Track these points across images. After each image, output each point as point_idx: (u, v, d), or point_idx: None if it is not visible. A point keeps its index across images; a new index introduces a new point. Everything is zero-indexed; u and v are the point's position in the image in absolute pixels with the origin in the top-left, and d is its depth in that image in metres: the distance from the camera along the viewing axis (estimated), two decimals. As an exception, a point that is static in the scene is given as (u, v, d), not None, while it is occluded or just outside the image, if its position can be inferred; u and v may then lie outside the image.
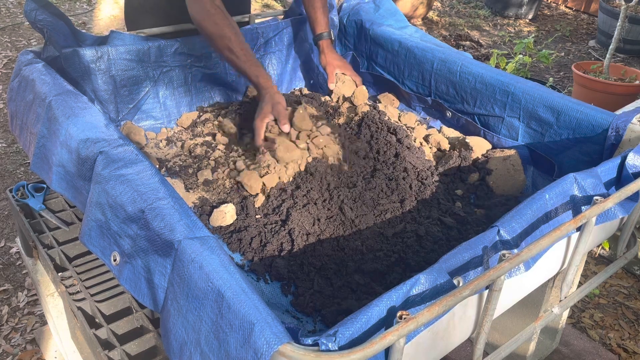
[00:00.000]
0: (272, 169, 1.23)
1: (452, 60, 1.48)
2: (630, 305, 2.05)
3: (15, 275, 2.17)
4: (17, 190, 1.41)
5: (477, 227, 1.15)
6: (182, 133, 1.50)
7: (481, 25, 5.14)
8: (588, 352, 1.58)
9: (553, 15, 5.56)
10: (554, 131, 1.29)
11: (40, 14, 1.25)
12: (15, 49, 4.21)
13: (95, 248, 0.92)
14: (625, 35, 4.27)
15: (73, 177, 1.02)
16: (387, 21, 1.72)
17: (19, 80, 1.25)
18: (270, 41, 1.67)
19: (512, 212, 0.88)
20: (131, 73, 1.44)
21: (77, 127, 1.01)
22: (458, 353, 1.51)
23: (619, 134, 1.17)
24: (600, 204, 0.88)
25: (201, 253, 0.74)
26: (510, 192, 1.30)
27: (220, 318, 0.68)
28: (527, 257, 0.77)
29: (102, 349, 1.01)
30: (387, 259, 1.05)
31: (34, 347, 1.85)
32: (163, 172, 1.34)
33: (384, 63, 1.67)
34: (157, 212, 0.82)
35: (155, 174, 0.90)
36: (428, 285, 0.73)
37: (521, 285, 0.95)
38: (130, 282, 0.84)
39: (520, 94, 1.34)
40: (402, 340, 0.65)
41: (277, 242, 1.08)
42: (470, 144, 1.39)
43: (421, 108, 1.62)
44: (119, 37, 1.42)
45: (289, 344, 0.62)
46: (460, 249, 0.80)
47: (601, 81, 3.18)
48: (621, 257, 1.16)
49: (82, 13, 4.97)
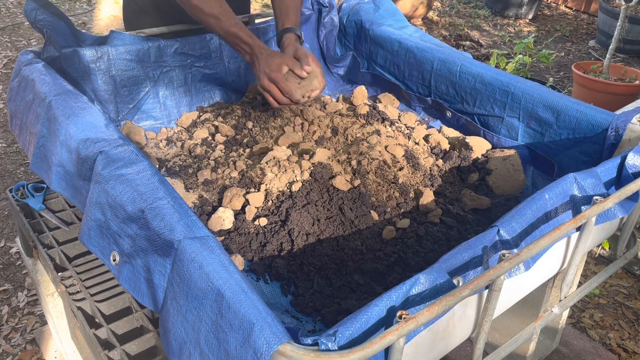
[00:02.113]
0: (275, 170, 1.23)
1: (452, 60, 1.48)
2: (630, 305, 2.05)
3: (15, 275, 2.17)
4: (17, 190, 1.41)
5: (477, 227, 1.15)
6: (182, 133, 1.50)
7: (481, 25, 5.15)
8: (588, 352, 1.58)
9: (553, 15, 5.56)
10: (553, 131, 1.29)
11: (40, 13, 1.25)
12: (15, 49, 4.21)
13: (95, 248, 0.92)
14: (625, 35, 4.28)
15: (73, 177, 1.02)
16: (386, 21, 1.72)
17: (18, 80, 1.25)
18: (270, 41, 1.67)
19: (512, 212, 0.88)
20: (131, 73, 1.44)
21: (77, 127, 1.01)
22: (458, 353, 1.51)
23: (618, 133, 1.17)
24: (600, 204, 0.88)
25: (201, 253, 0.74)
26: (510, 192, 1.30)
27: (219, 318, 0.68)
28: (527, 257, 0.77)
29: (102, 349, 1.01)
30: (387, 259, 1.05)
31: (34, 347, 1.85)
32: (163, 172, 1.34)
33: (383, 63, 1.67)
34: (157, 212, 0.82)
35: (155, 174, 0.90)
36: (428, 285, 0.73)
37: (521, 285, 0.95)
38: (129, 282, 0.84)
39: (520, 94, 1.34)
40: (401, 340, 0.65)
41: (277, 242, 1.08)
42: (470, 144, 1.39)
43: (421, 108, 1.62)
44: (119, 37, 1.42)
45: (289, 344, 0.62)
46: (460, 249, 0.80)
47: (601, 81, 3.18)
48: (621, 257, 1.16)
49: (82, 13, 4.97)
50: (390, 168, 1.25)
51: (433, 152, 1.40)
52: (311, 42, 1.76)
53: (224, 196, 1.18)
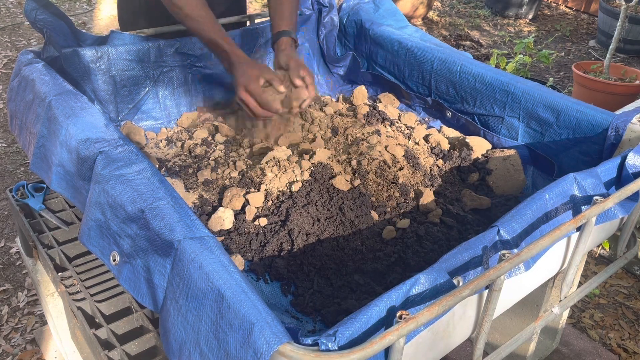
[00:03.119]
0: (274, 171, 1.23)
1: (452, 60, 1.48)
2: (630, 305, 2.05)
3: (15, 275, 2.17)
4: (17, 190, 1.41)
5: (477, 227, 1.15)
6: (182, 133, 1.50)
7: (481, 25, 5.14)
8: (588, 352, 1.58)
9: (553, 15, 5.56)
10: (553, 131, 1.29)
11: (40, 13, 1.25)
12: (15, 49, 4.21)
13: (95, 248, 0.92)
14: (625, 35, 4.27)
15: (73, 177, 1.02)
16: (387, 21, 1.72)
17: (18, 80, 1.25)
18: (270, 41, 1.67)
19: (512, 212, 0.88)
20: (131, 73, 1.44)
21: (77, 127, 1.01)
22: (458, 353, 1.51)
23: (618, 133, 1.17)
24: (600, 204, 0.88)
25: (201, 253, 0.74)
26: (510, 192, 1.30)
27: (219, 318, 0.68)
28: (527, 257, 0.77)
29: (102, 349, 1.01)
30: (387, 259, 1.05)
31: (34, 347, 1.85)
32: (163, 172, 1.34)
33: (383, 63, 1.67)
34: (157, 212, 0.82)
35: (155, 174, 0.90)
36: (428, 285, 0.73)
37: (521, 285, 0.95)
38: (129, 282, 0.84)
39: (520, 94, 1.34)
40: (402, 340, 0.65)
41: (277, 242, 1.08)
42: (470, 144, 1.39)
43: (421, 108, 1.62)
44: (119, 37, 1.42)
45: (289, 344, 0.62)
46: (460, 249, 0.80)
47: (601, 81, 3.18)
48: (621, 257, 1.16)
49: (82, 13, 4.97)
50: (390, 168, 1.25)
51: (433, 152, 1.40)
52: (311, 42, 1.76)
53: (224, 196, 1.18)
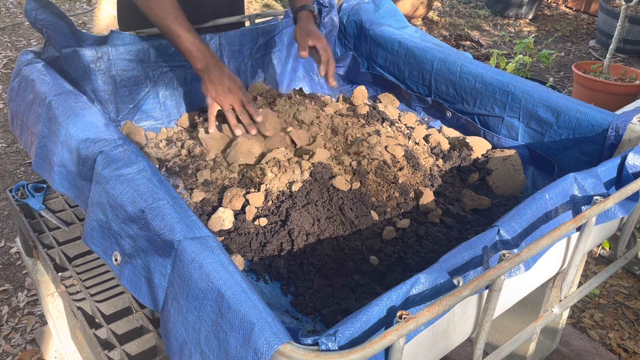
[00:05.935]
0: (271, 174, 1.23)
1: (452, 60, 1.48)
2: (630, 305, 2.05)
3: (15, 275, 2.17)
4: (17, 190, 1.41)
5: (477, 227, 1.15)
6: (182, 133, 1.50)
7: (481, 25, 5.15)
8: (588, 352, 1.58)
9: (553, 15, 5.56)
10: (553, 131, 1.29)
11: (40, 13, 1.25)
12: (15, 49, 4.21)
13: (98, 248, 0.92)
14: (625, 35, 4.28)
15: (74, 177, 1.02)
16: (387, 21, 1.72)
17: (19, 80, 1.25)
18: (270, 41, 1.67)
19: (512, 212, 0.88)
20: (131, 73, 1.44)
21: (77, 127, 1.01)
22: (458, 353, 1.51)
23: (618, 133, 1.17)
24: (600, 204, 0.88)
25: (201, 253, 0.74)
26: (510, 192, 1.30)
27: (220, 318, 0.68)
28: (527, 257, 0.78)
29: (102, 349, 1.01)
30: (387, 259, 1.05)
31: (34, 347, 1.85)
32: (163, 172, 1.34)
33: (384, 63, 1.67)
34: (157, 212, 0.82)
35: (155, 174, 0.90)
36: (428, 285, 0.73)
37: (521, 285, 0.95)
38: (131, 282, 0.84)
39: (520, 94, 1.34)
40: (402, 340, 0.65)
41: (277, 242, 1.08)
42: (470, 144, 1.39)
43: (421, 108, 1.62)
44: (119, 37, 1.42)
45: (289, 344, 0.62)
46: (460, 249, 0.80)
47: (601, 81, 3.18)
48: (621, 257, 1.16)
49: (82, 13, 4.97)
50: (390, 168, 1.25)
51: (433, 152, 1.40)
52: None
53: (224, 196, 1.18)
